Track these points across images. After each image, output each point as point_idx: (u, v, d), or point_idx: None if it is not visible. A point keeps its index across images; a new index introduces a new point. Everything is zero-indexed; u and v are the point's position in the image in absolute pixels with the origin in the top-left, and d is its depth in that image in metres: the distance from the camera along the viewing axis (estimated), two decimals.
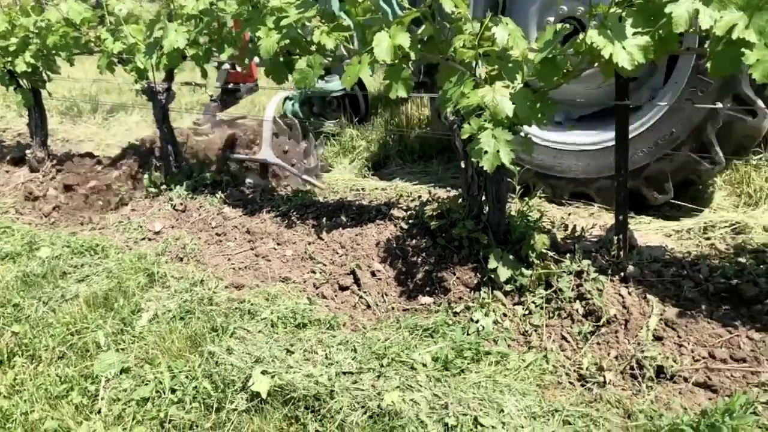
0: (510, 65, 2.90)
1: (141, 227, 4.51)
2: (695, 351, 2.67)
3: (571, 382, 2.69)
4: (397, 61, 3.14)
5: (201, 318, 3.24)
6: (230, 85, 6.04)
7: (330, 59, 3.72)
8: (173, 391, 2.76)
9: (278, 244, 4.03)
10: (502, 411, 2.49)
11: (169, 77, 4.89)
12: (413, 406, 2.52)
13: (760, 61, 2.35)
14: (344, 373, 2.75)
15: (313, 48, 3.63)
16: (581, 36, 2.61)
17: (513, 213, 3.41)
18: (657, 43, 2.62)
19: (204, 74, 4.65)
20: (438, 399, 2.56)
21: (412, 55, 3.17)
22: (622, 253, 3.13)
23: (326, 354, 2.89)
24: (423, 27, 3.14)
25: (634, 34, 2.55)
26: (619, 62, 2.50)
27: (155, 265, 3.86)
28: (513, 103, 2.79)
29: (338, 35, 3.46)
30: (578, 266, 3.09)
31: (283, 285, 3.59)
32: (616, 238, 3.13)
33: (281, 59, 3.82)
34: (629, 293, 2.96)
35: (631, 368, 2.65)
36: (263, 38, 3.63)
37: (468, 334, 2.99)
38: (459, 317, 3.14)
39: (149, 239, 4.39)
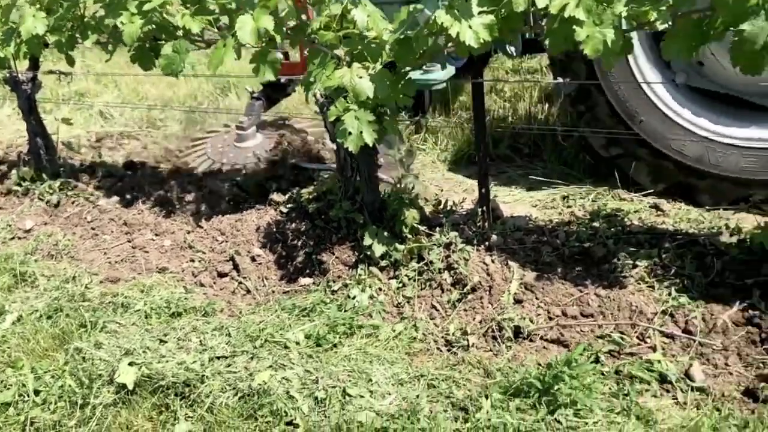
0: (373, 46, 2.97)
1: (10, 226, 4.27)
2: (550, 310, 2.86)
3: (438, 348, 2.82)
4: (264, 44, 3.13)
5: (70, 315, 3.13)
6: (282, 79, 4.81)
7: (201, 44, 3.66)
8: (37, 392, 2.66)
9: (156, 234, 3.94)
10: (371, 380, 2.58)
11: (34, 66, 4.62)
12: (284, 383, 2.57)
13: (590, 37, 2.52)
14: (218, 358, 2.75)
15: (180, 33, 3.56)
16: (432, 16, 2.71)
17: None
18: (501, 21, 2.77)
19: (70, 62, 4.42)
20: (309, 374, 2.62)
21: (278, 39, 3.17)
22: (486, 223, 3.30)
23: (200, 340, 2.87)
24: (285, 9, 3.14)
25: (480, 13, 2.67)
26: (466, 40, 2.61)
27: (23, 264, 3.67)
28: (373, 84, 2.86)
29: (203, 19, 3.40)
30: (447, 239, 3.22)
31: (160, 276, 3.52)
32: (480, 210, 3.29)
33: (147, 45, 3.71)
34: (492, 261, 3.13)
35: (492, 331, 2.81)
36: (126, 24, 3.51)
37: (345, 311, 3.06)
38: (337, 295, 3.21)
39: (19, 238, 4.17)
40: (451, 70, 4.33)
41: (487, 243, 3.21)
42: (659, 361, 2.52)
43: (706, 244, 3.04)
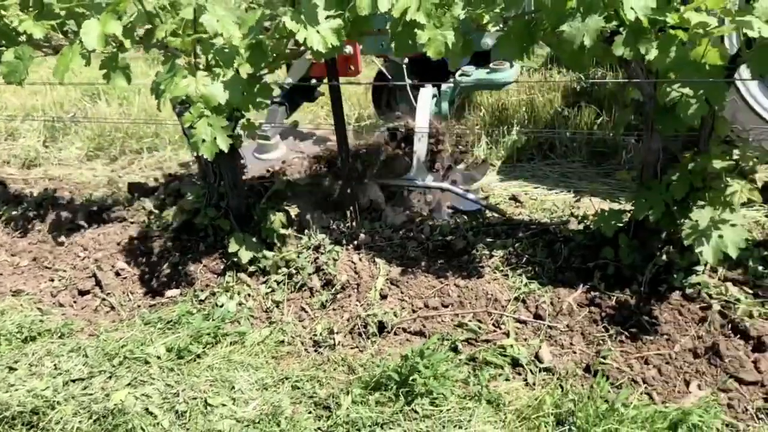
0: (226, 52, 2.93)
1: None
2: (414, 303, 2.95)
3: (306, 350, 2.84)
4: (114, 50, 3.01)
5: None
6: (313, 81, 4.30)
7: (47, 50, 3.46)
8: None
9: (12, 255, 3.69)
10: (233, 388, 2.55)
11: None
12: (144, 399, 2.49)
13: (431, 39, 2.62)
14: (73, 381, 2.62)
15: (23, 38, 3.35)
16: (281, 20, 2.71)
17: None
18: (350, 25, 2.83)
19: None
20: (170, 388, 2.55)
21: (127, 44, 3.06)
22: (354, 223, 3.35)
23: (55, 364, 2.73)
24: (135, 14, 3.04)
25: (328, 17, 2.71)
26: (313, 45, 2.64)
27: None
28: (226, 90, 2.82)
29: (46, 23, 3.22)
30: (316, 241, 3.25)
31: (14, 299, 3.31)
32: (348, 210, 3.34)
33: None
34: (360, 260, 3.18)
35: (358, 328, 2.86)
36: None
37: (212, 320, 3.00)
38: (204, 304, 3.15)
39: None
40: (517, 69, 4.09)
41: (355, 242, 3.26)
42: (512, 346, 2.66)
43: (556, 232, 3.25)
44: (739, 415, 2.26)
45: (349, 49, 3.69)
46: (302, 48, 2.93)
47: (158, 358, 2.71)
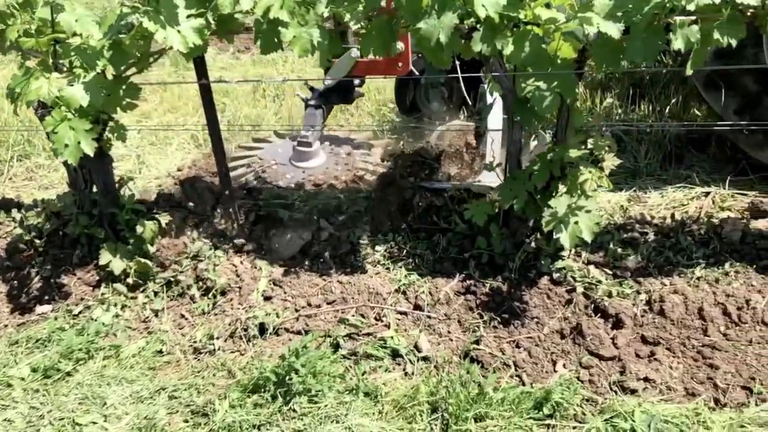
0: (89, 53, 2.79)
1: None
2: (297, 303, 2.94)
3: (186, 358, 2.76)
4: None
5: None
6: (357, 81, 4.01)
7: None
8: None
9: None
10: (106, 404, 2.45)
11: None
12: (5, 425, 2.34)
13: (296, 37, 2.62)
14: None
15: None
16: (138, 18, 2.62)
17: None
18: (218, 23, 2.77)
19: None
20: (35, 411, 2.42)
21: None
22: (236, 225, 3.29)
23: None
24: None
25: (189, 16, 2.64)
26: (174, 45, 2.57)
27: None
28: (87, 92, 2.70)
29: None
30: (196, 246, 3.17)
31: None
32: (229, 211, 3.28)
33: None
34: (242, 262, 3.14)
35: (239, 331, 2.81)
36: None
37: (85, 335, 2.87)
38: (78, 319, 3.00)
39: None
40: None
41: (236, 246, 3.21)
42: (392, 338, 2.71)
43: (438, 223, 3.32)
44: (599, 390, 2.41)
45: (400, 45, 3.29)
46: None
47: (22, 379, 2.57)
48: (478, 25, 2.51)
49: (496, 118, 3.39)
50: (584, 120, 2.81)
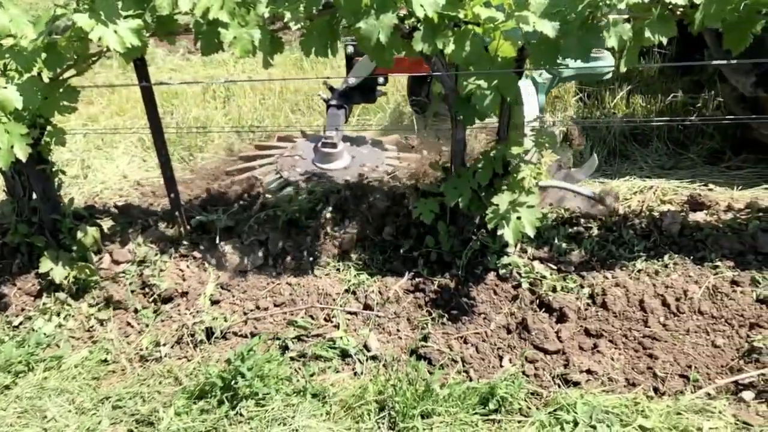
0: (24, 54, 2.71)
1: None
2: (245, 306, 2.91)
3: (132, 366, 2.71)
4: None
5: None
6: (381, 79, 3.85)
7: None
8: None
9: None
10: (46, 417, 2.39)
11: None
12: None
13: (237, 38, 2.59)
14: None
15: None
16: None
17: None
18: (157, 24, 2.73)
19: None
20: None
21: None
22: (182, 229, 3.24)
23: None
24: None
25: (127, 17, 2.59)
26: (110, 45, 2.51)
27: None
28: (21, 95, 2.62)
29: None
30: (141, 252, 3.11)
31: None
32: (173, 215, 3.22)
33: None
34: (188, 267, 3.09)
35: (186, 337, 2.77)
36: None
37: (26, 346, 2.78)
38: (18, 330, 2.91)
39: None
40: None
41: (182, 249, 3.16)
42: (341, 338, 2.71)
43: None
44: (544, 383, 2.45)
45: None
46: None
47: None
48: (419, 25, 2.53)
49: (531, 111, 3.30)
50: (524, 117, 2.84)
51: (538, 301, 2.78)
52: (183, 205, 3.25)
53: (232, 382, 2.37)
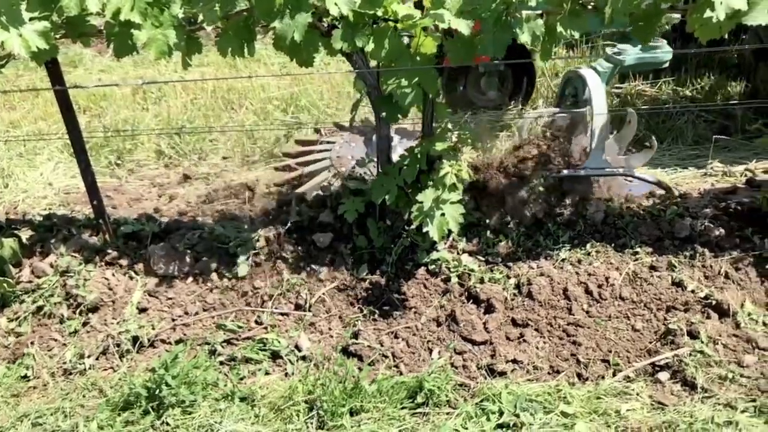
0: None
1: None
2: (174, 312, 2.85)
3: (55, 381, 2.62)
4: None
5: None
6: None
7: None
8: None
9: None
10: None
11: None
12: None
13: (151, 39, 2.52)
14: None
15: None
16: None
17: None
18: (68, 26, 2.64)
19: None
20: None
21: None
22: (107, 236, 3.15)
23: None
24: None
25: (32, 19, 2.49)
26: (15, 50, 2.41)
27: None
28: None
29: None
30: (64, 262, 3.00)
31: None
32: (97, 222, 3.13)
33: None
34: (113, 275, 3.01)
35: (111, 347, 2.70)
36: None
37: None
38: None
39: None
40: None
41: (107, 258, 3.07)
42: (272, 340, 2.68)
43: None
44: (471, 374, 2.49)
45: None
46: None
47: None
48: (337, 23, 2.52)
49: (600, 100, 3.30)
50: (448, 114, 2.87)
51: (466, 293, 2.81)
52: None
53: (157, 391, 2.32)
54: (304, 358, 2.62)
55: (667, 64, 4.02)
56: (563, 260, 2.90)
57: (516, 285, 2.81)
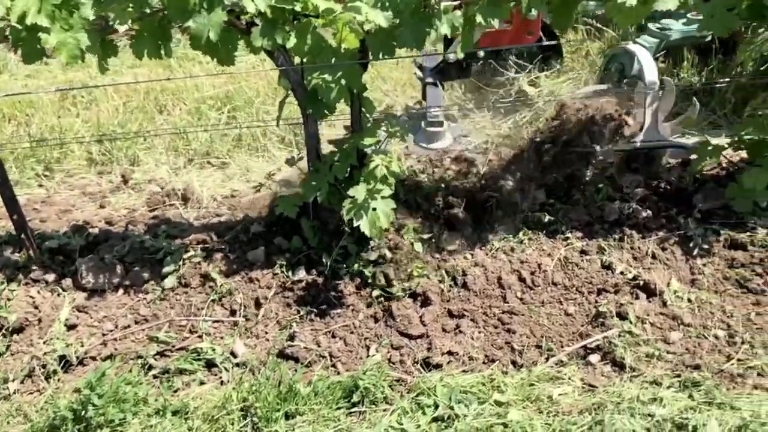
0: None
1: None
2: (104, 327, 2.75)
3: None
4: None
5: None
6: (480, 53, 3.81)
7: None
8: None
9: None
10: None
11: None
12: None
13: (61, 43, 2.42)
14: None
15: None
16: None
17: None
18: None
19: None
20: None
21: None
22: (31, 252, 3.02)
23: None
24: None
25: None
26: None
27: None
28: None
29: None
30: None
31: None
32: (19, 238, 3.00)
33: None
34: (39, 292, 2.89)
35: (37, 369, 2.59)
36: None
37: None
38: None
39: None
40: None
41: (31, 274, 2.94)
42: (206, 348, 2.62)
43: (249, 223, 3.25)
44: (408, 369, 2.48)
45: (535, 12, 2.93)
46: None
47: None
48: (257, 20, 2.46)
49: (652, 74, 3.31)
50: (375, 109, 2.85)
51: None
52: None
53: (83, 413, 2.23)
54: (239, 364, 2.57)
55: (709, 38, 4.04)
56: (497, 249, 2.92)
57: (452, 276, 2.81)
